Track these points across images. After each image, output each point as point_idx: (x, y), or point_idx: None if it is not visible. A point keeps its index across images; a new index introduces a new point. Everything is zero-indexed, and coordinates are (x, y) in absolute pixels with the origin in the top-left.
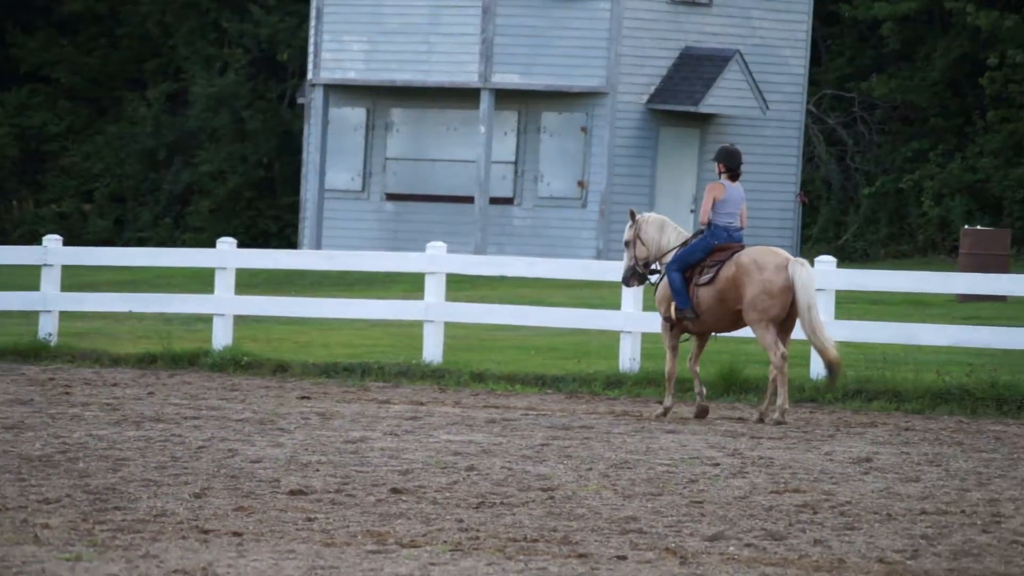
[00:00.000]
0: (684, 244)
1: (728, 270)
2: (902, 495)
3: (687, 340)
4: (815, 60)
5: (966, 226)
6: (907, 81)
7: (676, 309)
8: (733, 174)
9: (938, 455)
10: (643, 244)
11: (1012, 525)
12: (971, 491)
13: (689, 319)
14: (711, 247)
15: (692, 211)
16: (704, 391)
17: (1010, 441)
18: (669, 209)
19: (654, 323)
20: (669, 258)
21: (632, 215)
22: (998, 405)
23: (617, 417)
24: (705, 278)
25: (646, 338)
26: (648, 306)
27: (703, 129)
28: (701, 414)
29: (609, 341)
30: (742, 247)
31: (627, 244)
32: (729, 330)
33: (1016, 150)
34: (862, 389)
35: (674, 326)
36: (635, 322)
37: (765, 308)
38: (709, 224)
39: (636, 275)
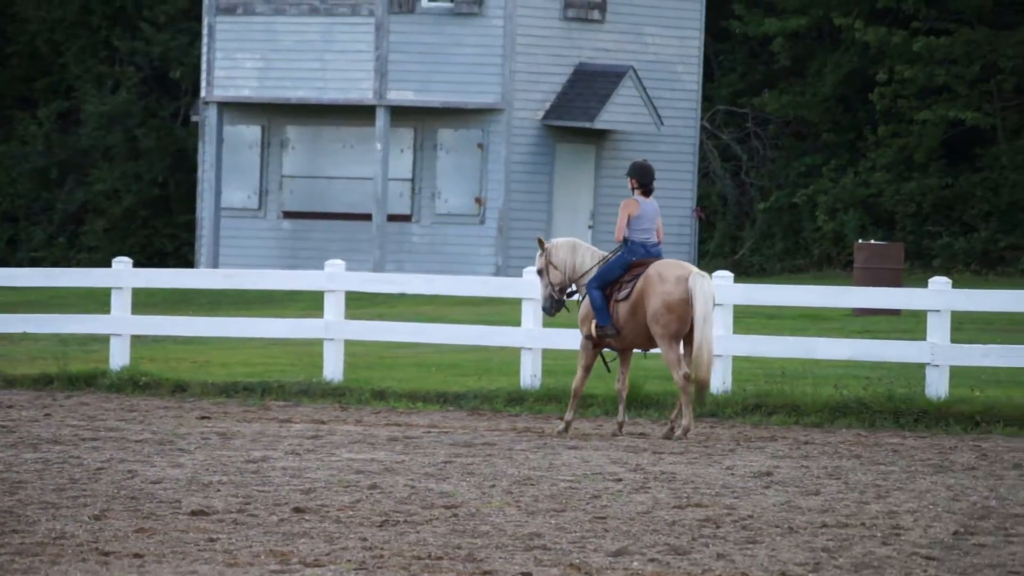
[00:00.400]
0: (603, 261)
1: (639, 284)
2: (803, 508)
3: (614, 360)
4: (708, 76)
5: (860, 240)
6: (798, 96)
7: (597, 327)
8: (646, 189)
9: (837, 468)
10: (556, 269)
11: (911, 537)
12: (870, 504)
13: (611, 336)
14: (629, 263)
15: (590, 227)
16: (625, 419)
17: (907, 454)
18: (567, 224)
19: (555, 339)
20: (588, 277)
21: (540, 244)
22: (895, 418)
23: (519, 434)
24: (623, 294)
25: (547, 354)
26: (548, 322)
27: (599, 145)
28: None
29: (510, 358)
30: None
31: (540, 273)
32: (650, 346)
33: (907, 164)
34: (762, 403)
35: (596, 345)
36: (536, 338)
37: (666, 323)
38: (626, 241)
39: (555, 301)
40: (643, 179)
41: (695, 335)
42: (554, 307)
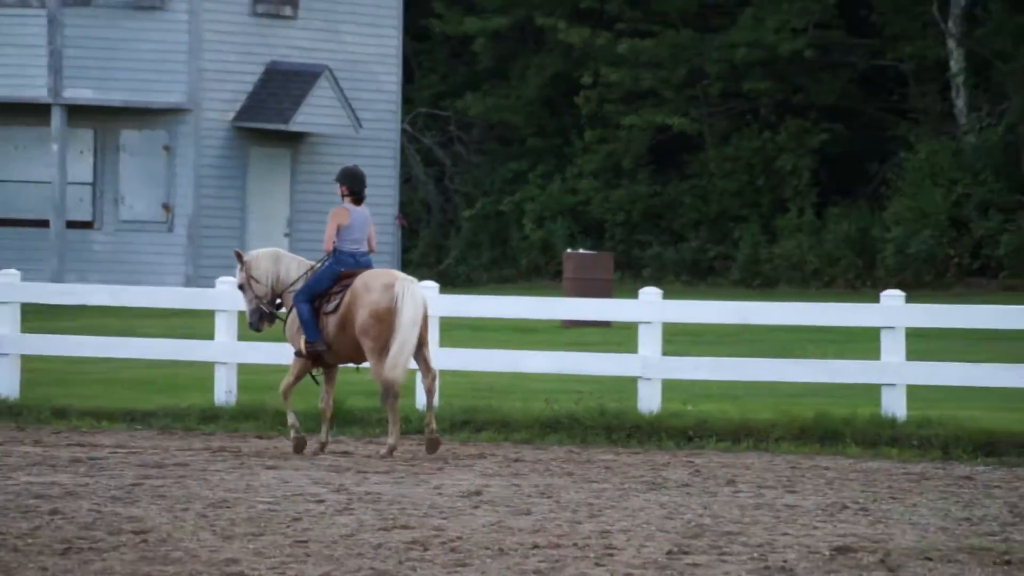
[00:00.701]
0: (311, 272)
1: (347, 296)
2: (514, 528)
3: (319, 373)
4: (408, 77)
5: (568, 250)
6: (503, 99)
7: (306, 342)
8: (357, 197)
9: (549, 486)
10: (258, 282)
11: (624, 557)
12: (583, 523)
13: (321, 351)
14: (337, 274)
15: (287, 234)
16: (328, 439)
17: (620, 470)
18: (263, 232)
19: (251, 353)
20: (295, 289)
21: (239, 257)
22: (607, 433)
23: (214, 453)
24: (331, 306)
25: (243, 369)
26: (244, 335)
27: (295, 148)
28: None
29: (203, 373)
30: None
31: (242, 288)
32: (363, 359)
33: (615, 171)
34: (470, 419)
35: (309, 359)
36: (231, 352)
37: (375, 334)
38: (334, 251)
39: (263, 315)
40: (354, 186)
41: (396, 335)
42: (263, 320)
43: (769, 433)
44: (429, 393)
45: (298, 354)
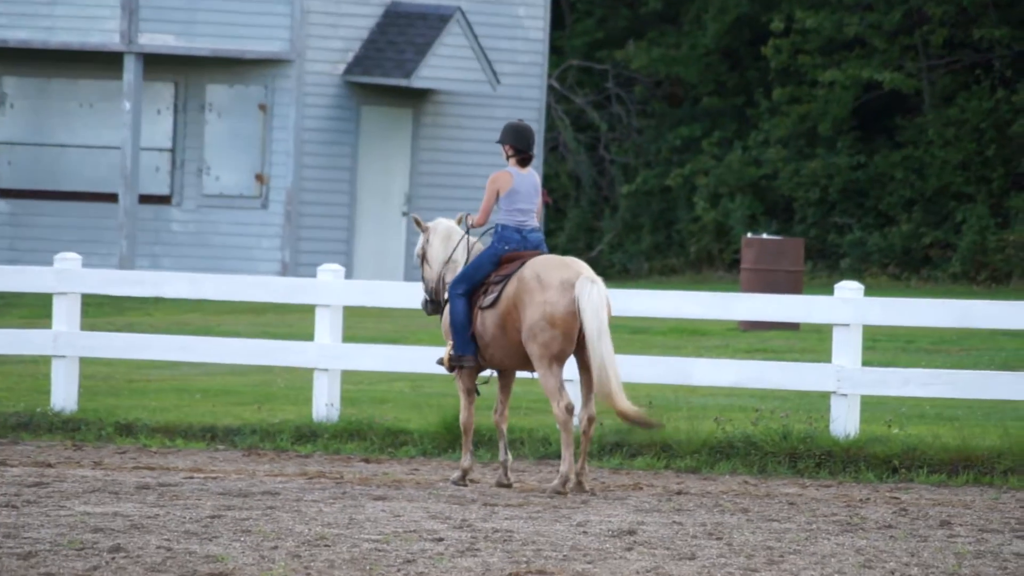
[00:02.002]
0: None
1: (511, 287)
2: None
3: (485, 383)
4: (558, 22)
5: (749, 234)
6: (672, 50)
7: (451, 351)
8: (523, 157)
9: (719, 525)
10: (429, 265)
11: None
12: (760, 571)
13: (468, 366)
14: (499, 257)
15: (405, 213)
16: (510, 459)
17: (807, 507)
18: (376, 210)
19: (358, 357)
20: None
21: (419, 224)
22: (791, 462)
23: (311, 480)
24: (488, 299)
25: (348, 377)
26: (351, 335)
27: (417, 108)
28: (502, 484)
29: (300, 381)
30: (538, 254)
31: (419, 260)
32: (527, 368)
33: (809, 138)
34: (623, 442)
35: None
36: (333, 356)
37: (546, 341)
38: (496, 226)
39: (431, 303)
40: (518, 143)
41: (590, 356)
42: (432, 310)
43: (994, 464)
44: (584, 436)
45: (440, 363)
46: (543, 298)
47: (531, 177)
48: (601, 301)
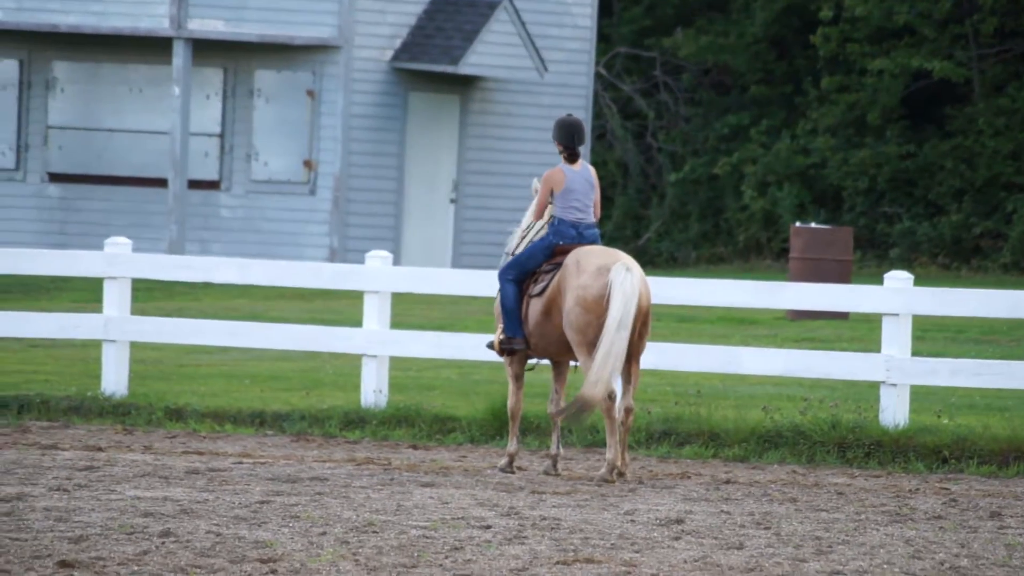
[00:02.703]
0: (524, 239)
1: (557, 275)
2: (723, 566)
3: (531, 370)
4: (606, 9)
5: (798, 223)
6: (721, 37)
7: (501, 334)
8: (572, 154)
9: (767, 515)
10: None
11: None
12: (808, 561)
13: (517, 349)
14: (553, 249)
15: (453, 200)
16: (560, 452)
17: (855, 497)
18: (423, 196)
19: (407, 344)
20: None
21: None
22: (840, 451)
23: (359, 466)
24: (538, 288)
25: (396, 363)
26: (399, 322)
27: (464, 95)
28: (549, 474)
29: (348, 368)
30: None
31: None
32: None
33: (858, 127)
34: (671, 430)
35: (504, 354)
36: (381, 343)
37: (582, 327)
38: (553, 220)
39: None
40: (564, 139)
41: (601, 343)
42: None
43: None
44: (622, 427)
45: (490, 346)
46: (578, 282)
47: (584, 172)
48: (633, 290)
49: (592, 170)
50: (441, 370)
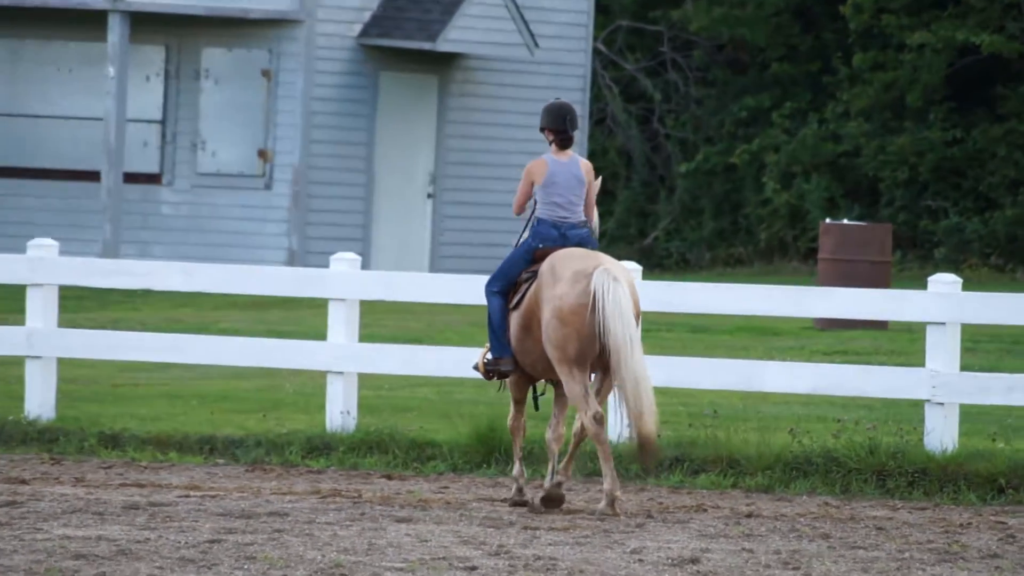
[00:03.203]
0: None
1: (534, 285)
2: None
3: (542, 394)
4: None
5: (828, 219)
6: (737, 8)
7: (486, 355)
8: (562, 139)
9: (795, 553)
10: None
11: None
12: None
13: (505, 371)
14: (533, 252)
15: (430, 195)
16: (562, 479)
17: (897, 533)
18: (396, 191)
19: (378, 359)
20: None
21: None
22: (879, 480)
23: (324, 499)
24: (515, 299)
25: (365, 381)
26: (368, 334)
27: (444, 75)
28: (551, 501)
29: (310, 387)
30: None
31: None
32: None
33: (896, 110)
34: (684, 456)
35: (490, 376)
36: (349, 358)
37: (560, 342)
38: (533, 219)
39: None
40: (553, 123)
41: (622, 371)
42: None
43: None
44: (576, 437)
45: (476, 368)
46: (554, 292)
47: (572, 165)
48: (622, 297)
49: (584, 163)
50: (418, 389)
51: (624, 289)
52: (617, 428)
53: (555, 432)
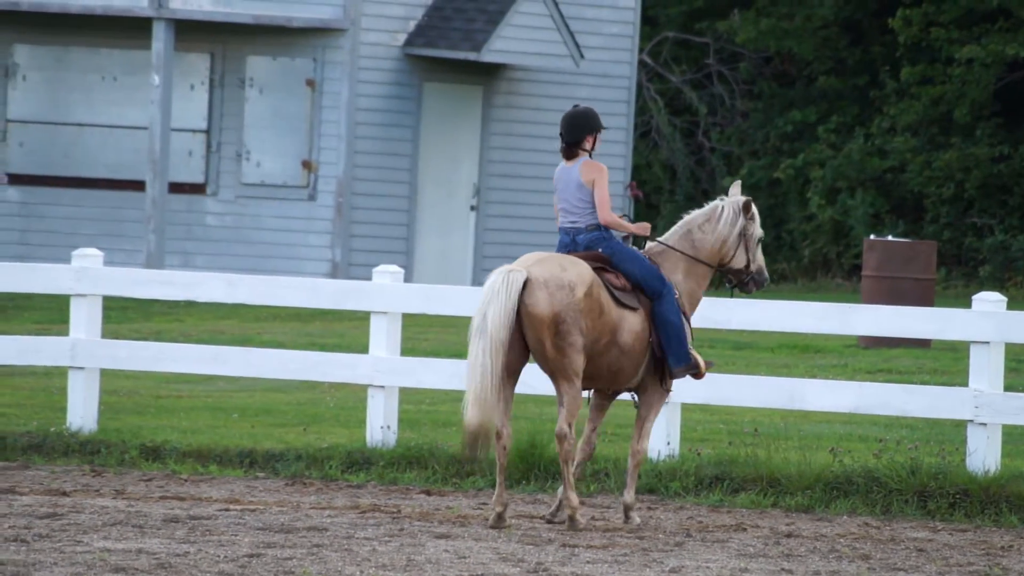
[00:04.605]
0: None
1: None
2: None
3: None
4: None
5: (872, 236)
6: (784, 21)
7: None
8: (566, 148)
9: (835, 574)
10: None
11: None
12: None
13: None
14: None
15: (473, 207)
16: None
17: (938, 555)
18: (440, 202)
19: (419, 373)
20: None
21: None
22: (920, 501)
23: (363, 514)
24: None
25: (406, 395)
26: (409, 348)
27: (488, 86)
28: (560, 518)
29: (352, 400)
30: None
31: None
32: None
33: (943, 125)
34: (724, 475)
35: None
36: (390, 371)
37: (534, 349)
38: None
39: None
40: (562, 131)
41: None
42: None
43: None
44: (577, 462)
45: None
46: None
47: (572, 171)
48: (499, 291)
49: (584, 165)
50: (459, 403)
51: (513, 280)
52: (657, 446)
53: (585, 443)
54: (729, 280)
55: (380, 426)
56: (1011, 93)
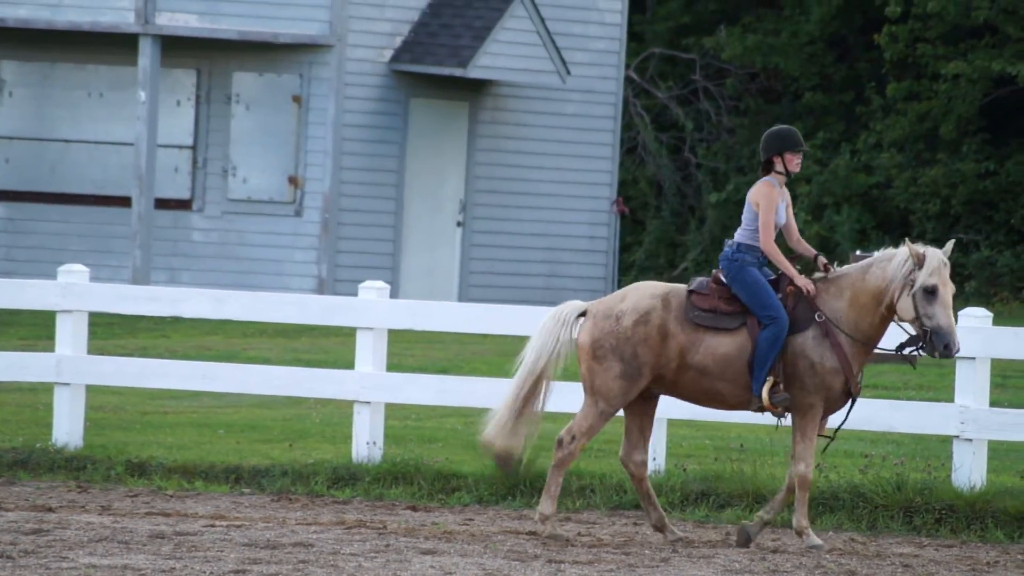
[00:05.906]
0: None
1: None
2: None
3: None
4: (638, 5)
5: (858, 251)
6: (770, 37)
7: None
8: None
9: None
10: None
11: None
12: None
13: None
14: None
15: (460, 223)
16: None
17: (924, 570)
18: (426, 220)
19: (406, 389)
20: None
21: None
22: (906, 517)
23: (349, 530)
24: None
25: (392, 411)
26: (395, 364)
27: (475, 102)
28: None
29: (337, 416)
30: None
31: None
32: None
33: (929, 141)
34: (709, 490)
35: None
36: (376, 387)
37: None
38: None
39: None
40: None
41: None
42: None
43: None
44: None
45: None
46: None
47: (751, 187)
48: (539, 331)
49: (757, 185)
50: (445, 419)
51: (564, 313)
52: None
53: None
54: (907, 343)
55: (366, 442)
56: (997, 109)
